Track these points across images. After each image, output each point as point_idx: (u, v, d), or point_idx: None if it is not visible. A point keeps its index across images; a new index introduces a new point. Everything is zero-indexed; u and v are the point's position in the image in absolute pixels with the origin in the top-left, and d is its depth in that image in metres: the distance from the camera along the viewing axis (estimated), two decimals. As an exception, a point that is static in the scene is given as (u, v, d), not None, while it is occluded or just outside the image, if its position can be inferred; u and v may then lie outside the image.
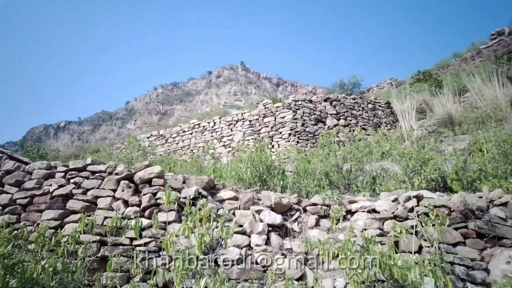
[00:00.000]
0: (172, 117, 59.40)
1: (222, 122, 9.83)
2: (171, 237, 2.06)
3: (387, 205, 3.50)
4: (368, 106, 10.35)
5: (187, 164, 6.72)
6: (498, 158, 4.82)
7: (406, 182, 4.91)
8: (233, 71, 78.81)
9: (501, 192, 3.26)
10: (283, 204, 4.11)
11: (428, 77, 16.81)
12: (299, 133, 8.30)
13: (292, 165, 6.25)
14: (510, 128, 7.44)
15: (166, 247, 2.07)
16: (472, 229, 3.13)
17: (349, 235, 2.37)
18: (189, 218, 2.18)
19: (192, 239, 2.77)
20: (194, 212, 2.21)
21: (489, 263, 2.98)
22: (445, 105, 9.99)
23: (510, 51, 16.47)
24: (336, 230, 3.81)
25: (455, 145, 6.40)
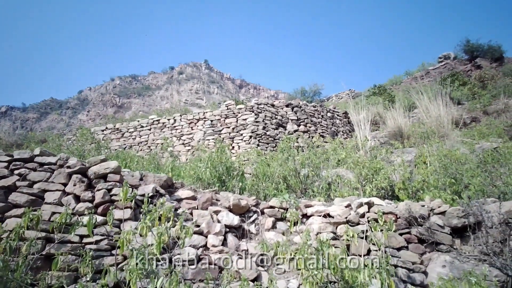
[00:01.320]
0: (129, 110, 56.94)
1: (183, 120, 9.64)
2: (128, 235, 1.99)
3: (341, 211, 3.68)
4: (327, 115, 10.76)
5: (144, 161, 6.50)
6: (439, 171, 5.25)
7: (358, 189, 5.19)
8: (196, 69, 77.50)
9: (440, 202, 3.58)
10: (242, 205, 4.15)
11: (383, 92, 17.93)
12: (260, 136, 8.40)
13: (252, 168, 6.32)
14: (450, 144, 8.17)
15: (121, 245, 1.99)
16: (415, 234, 3.40)
17: (306, 238, 2.46)
18: (147, 216, 2.12)
19: (147, 238, 2.70)
20: (153, 211, 2.15)
21: (428, 266, 3.25)
22: (396, 119, 10.71)
23: (454, 74, 18.12)
24: (292, 233, 3.92)
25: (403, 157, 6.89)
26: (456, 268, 3.09)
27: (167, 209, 2.22)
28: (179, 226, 2.27)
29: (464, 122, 12.35)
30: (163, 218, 2.18)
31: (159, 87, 71.15)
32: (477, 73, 19.09)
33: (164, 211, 2.18)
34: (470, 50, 21.15)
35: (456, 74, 18.04)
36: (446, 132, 9.56)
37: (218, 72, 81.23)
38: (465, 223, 3.33)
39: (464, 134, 10.49)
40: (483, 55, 20.91)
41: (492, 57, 20.55)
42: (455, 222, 3.36)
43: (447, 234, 3.36)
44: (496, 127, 10.60)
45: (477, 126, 11.99)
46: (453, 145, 7.98)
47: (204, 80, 71.10)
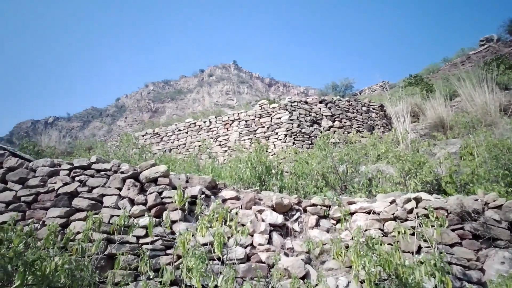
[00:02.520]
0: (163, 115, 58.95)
1: (218, 122, 9.86)
2: (188, 235, 2.11)
3: (388, 207, 3.61)
4: (362, 109, 10.52)
5: (185, 163, 6.74)
6: (489, 162, 4.97)
7: (401, 184, 5.05)
8: (225, 70, 78.52)
9: (495, 196, 3.40)
10: (284, 204, 4.19)
11: (420, 81, 17.14)
12: (295, 134, 8.39)
13: (289, 166, 6.34)
14: (499, 133, 7.68)
15: (181, 245, 2.12)
16: (468, 230, 3.26)
17: (357, 235, 2.45)
18: (205, 217, 2.23)
19: (199, 238, 2.83)
20: (211, 212, 2.25)
21: (484, 263, 3.11)
22: (437, 109, 10.23)
23: (499, 57, 16.94)
24: (337, 230, 3.91)
25: (447, 149, 6.60)
26: (517, 265, 2.94)
27: (224, 211, 2.31)
28: (234, 226, 2.36)
29: (515, 108, 11.54)
30: (220, 219, 2.28)
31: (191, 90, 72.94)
32: (525, 54, 17.70)
33: (221, 212, 2.28)
34: (516, 31, 19.64)
35: (501, 57, 16.83)
36: (494, 120, 8.98)
37: (247, 72, 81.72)
38: (525, 217, 3.15)
39: (514, 121, 9.81)
40: (531, 34, 19.34)
41: (543, 35, 18.94)
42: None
43: (505, 229, 3.19)
44: (553, 112, 9.81)
45: (529, 111, 11.16)
46: (503, 133, 7.49)
47: (234, 81, 71.86)
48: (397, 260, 2.16)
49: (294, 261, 3.21)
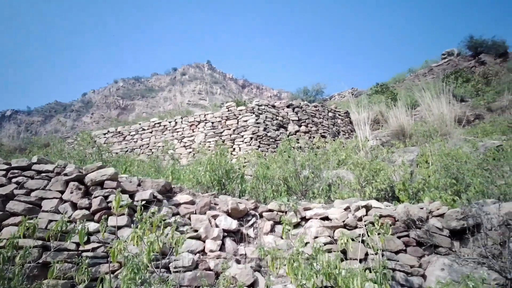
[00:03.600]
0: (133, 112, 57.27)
1: (184, 122, 9.67)
2: (119, 244, 2.00)
3: (339, 214, 3.66)
4: (328, 115, 10.72)
5: (145, 164, 6.53)
6: (440, 170, 5.19)
7: (358, 190, 5.16)
8: (199, 70, 77.65)
9: (439, 204, 3.54)
10: (240, 209, 4.15)
11: (385, 90, 17.83)
12: (261, 137, 8.39)
13: (252, 170, 6.31)
14: (453, 142, 8.10)
15: (112, 254, 2.00)
16: (413, 237, 3.37)
17: (299, 244, 2.45)
18: (138, 225, 2.13)
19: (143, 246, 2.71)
20: (144, 219, 2.15)
21: (426, 270, 3.22)
22: (399, 118, 10.63)
23: (457, 71, 17.97)
24: (291, 237, 3.91)
25: (405, 156, 6.84)
26: (455, 271, 3.06)
27: (159, 218, 2.22)
28: (171, 234, 2.27)
29: (468, 119, 12.24)
30: (154, 227, 2.19)
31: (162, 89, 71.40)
32: (481, 69, 18.90)
33: (156, 219, 2.18)
34: (474, 46, 20.92)
35: (459, 71, 17.87)
36: (449, 130, 9.47)
37: (220, 73, 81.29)
38: (464, 226, 3.29)
39: (467, 132, 10.40)
40: (487, 51, 20.66)
41: (496, 52, 20.30)
42: (454, 224, 3.32)
43: (446, 236, 3.33)
44: (500, 124, 10.50)
45: (481, 123, 11.89)
46: (456, 143, 7.90)
47: (207, 81, 71.20)
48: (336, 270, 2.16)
49: (243, 268, 3.16)
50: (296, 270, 2.10)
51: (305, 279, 2.01)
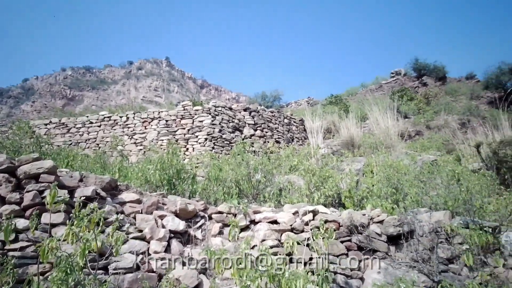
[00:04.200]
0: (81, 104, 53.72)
1: (137, 118, 9.26)
2: (51, 242, 1.83)
3: (287, 218, 3.73)
4: (284, 121, 10.95)
5: (90, 159, 6.12)
6: (383, 180, 5.53)
7: (307, 196, 5.31)
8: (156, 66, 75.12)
9: (379, 211, 3.77)
10: (189, 210, 4.05)
11: (339, 101, 18.67)
12: (216, 139, 8.32)
13: (205, 171, 6.22)
14: (396, 155, 8.70)
15: (42, 253, 1.83)
16: (355, 242, 3.55)
17: (245, 246, 2.45)
18: (75, 221, 1.97)
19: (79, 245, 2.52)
20: (81, 215, 2.00)
21: (364, 273, 3.40)
22: (349, 129, 11.19)
23: (403, 89, 19.39)
24: (239, 239, 3.90)
25: (353, 166, 7.20)
26: (390, 274, 3.27)
27: (99, 214, 2.08)
28: (112, 232, 2.14)
29: (409, 134, 13.24)
30: (92, 224, 2.04)
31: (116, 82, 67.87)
32: (423, 90, 20.61)
33: (95, 216, 2.04)
34: (418, 68, 22.77)
35: (405, 90, 19.31)
36: (393, 144, 10.17)
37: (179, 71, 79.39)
38: (400, 232, 3.53)
39: (408, 146, 11.23)
40: (429, 73, 22.61)
41: (437, 76, 22.30)
42: (391, 230, 3.55)
43: (384, 242, 3.54)
44: (436, 141, 11.48)
45: (420, 139, 12.92)
46: (398, 156, 8.50)
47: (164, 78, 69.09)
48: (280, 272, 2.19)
49: (188, 271, 3.08)
50: (241, 271, 2.09)
51: (249, 281, 2.01)
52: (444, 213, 3.77)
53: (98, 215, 2.06)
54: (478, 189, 4.22)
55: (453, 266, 3.42)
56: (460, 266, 3.42)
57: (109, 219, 3.27)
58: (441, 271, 3.34)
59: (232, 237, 2.98)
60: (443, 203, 4.33)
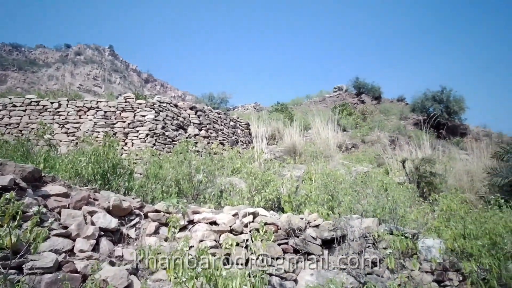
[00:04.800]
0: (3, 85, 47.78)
1: (70, 106, 8.48)
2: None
3: (226, 219, 3.69)
4: (230, 123, 10.93)
5: (9, 146, 5.43)
6: (320, 187, 5.79)
7: (248, 199, 5.34)
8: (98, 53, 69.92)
9: (316, 216, 3.92)
10: (123, 207, 3.80)
11: (284, 110, 19.28)
12: (158, 135, 7.97)
13: (143, 167, 5.92)
14: (333, 164, 9.20)
15: None
16: (292, 245, 3.64)
17: (183, 245, 2.35)
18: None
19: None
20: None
21: (298, 275, 3.50)
22: (293, 137, 11.58)
23: (344, 104, 20.72)
24: (175, 239, 3.75)
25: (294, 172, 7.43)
26: (322, 276, 3.41)
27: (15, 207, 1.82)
28: (30, 227, 1.89)
29: (347, 147, 14.12)
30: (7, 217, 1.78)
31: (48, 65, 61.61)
32: (361, 107, 22.27)
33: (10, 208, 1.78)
34: (358, 86, 24.56)
35: (345, 105, 20.67)
36: (331, 154, 10.76)
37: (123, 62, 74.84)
38: (333, 236, 3.72)
39: (345, 157, 11.96)
40: (367, 92, 24.53)
41: (373, 95, 24.28)
42: (326, 234, 3.72)
43: (318, 245, 3.69)
44: (369, 154, 12.42)
45: (356, 151, 13.88)
46: (336, 166, 9.00)
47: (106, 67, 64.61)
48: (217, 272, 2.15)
49: (117, 271, 2.86)
50: (177, 268, 2.00)
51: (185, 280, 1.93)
52: (373, 220, 4.06)
53: (15, 207, 1.81)
54: (401, 200, 4.62)
55: (377, 269, 3.68)
56: (383, 268, 3.71)
57: (28, 212, 2.92)
58: (367, 273, 3.58)
59: (170, 236, 2.84)
60: (372, 211, 4.68)
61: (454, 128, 19.61)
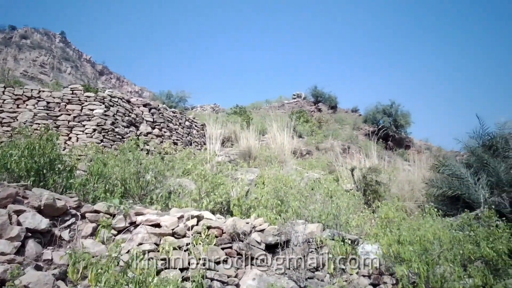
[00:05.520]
0: None
1: (8, 94, 7.72)
2: None
3: (169, 222, 3.58)
4: (185, 123, 10.70)
5: None
6: (271, 192, 5.81)
7: (197, 201, 5.23)
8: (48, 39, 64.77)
9: (262, 221, 3.94)
10: (57, 207, 3.54)
11: (243, 113, 19.31)
12: (107, 131, 7.56)
13: (87, 165, 5.57)
14: (287, 170, 9.35)
15: None
16: (235, 249, 3.61)
17: (115, 249, 2.22)
18: None
19: None
20: None
21: (241, 279, 3.48)
22: (249, 140, 11.60)
23: (301, 111, 21.26)
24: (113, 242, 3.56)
25: (247, 176, 7.43)
26: (263, 281, 3.41)
27: None
28: None
29: (301, 153, 14.46)
30: None
31: (-13, 46, 56.01)
32: (318, 115, 23.00)
33: None
34: (316, 95, 25.35)
35: (302, 112, 21.21)
36: (286, 159, 10.95)
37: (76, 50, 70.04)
38: (278, 241, 3.75)
39: (299, 163, 12.23)
40: (324, 101, 25.41)
41: (330, 104, 25.21)
42: (270, 239, 3.74)
43: (262, 250, 3.70)
44: (322, 162, 12.82)
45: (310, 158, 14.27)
46: (289, 171, 9.15)
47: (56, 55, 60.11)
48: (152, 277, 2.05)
49: (41, 276, 2.64)
50: (99, 276, 1.87)
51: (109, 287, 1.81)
52: (317, 225, 4.17)
53: None
54: (345, 206, 4.80)
55: (318, 273, 3.78)
56: (324, 273, 3.81)
57: None
58: (308, 277, 3.66)
59: (105, 239, 2.68)
60: (318, 217, 4.81)
61: (401, 140, 20.97)
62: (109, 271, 1.96)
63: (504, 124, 7.30)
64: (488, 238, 4.18)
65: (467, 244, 4.03)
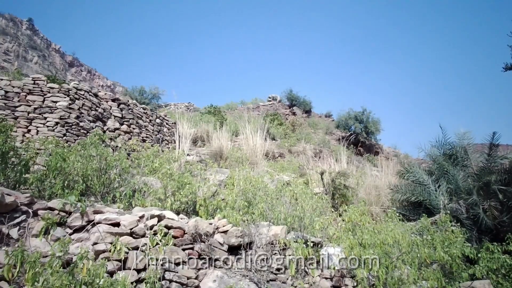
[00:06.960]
0: None
1: (-39, 81, 7.21)
2: None
3: (128, 221, 3.44)
4: (156, 120, 10.44)
5: None
6: (239, 193, 5.78)
7: (162, 200, 5.09)
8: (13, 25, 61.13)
9: (225, 222, 3.89)
10: (5, 203, 3.31)
11: (217, 113, 19.16)
12: (70, 125, 7.21)
13: (46, 159, 5.27)
14: (258, 171, 9.35)
15: None
16: (197, 250, 3.53)
17: (58, 249, 2.09)
18: None
19: None
20: None
21: (201, 281, 3.40)
22: (220, 140, 11.51)
23: (275, 114, 21.41)
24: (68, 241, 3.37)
25: (217, 176, 7.34)
26: (224, 283, 3.36)
27: None
28: None
29: (274, 155, 14.54)
30: None
31: None
32: (292, 118, 23.26)
33: None
34: (291, 99, 25.65)
35: (277, 115, 21.38)
36: (257, 161, 10.95)
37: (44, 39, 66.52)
38: (241, 242, 3.71)
39: (270, 165, 12.28)
40: (299, 105, 25.75)
41: (304, 109, 25.58)
42: (233, 240, 3.70)
43: (225, 251, 3.64)
44: (293, 165, 12.95)
45: (282, 160, 14.37)
46: (259, 173, 9.15)
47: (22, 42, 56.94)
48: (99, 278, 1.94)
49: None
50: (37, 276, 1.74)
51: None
52: (281, 227, 4.16)
53: None
54: (310, 209, 4.85)
55: (281, 275, 3.78)
56: (287, 275, 3.82)
57: None
58: (270, 279, 3.65)
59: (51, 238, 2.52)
60: (284, 219, 4.82)
61: (371, 146, 21.64)
62: (49, 271, 1.82)
63: (463, 135, 7.71)
64: (443, 242, 4.37)
65: (424, 248, 4.19)
